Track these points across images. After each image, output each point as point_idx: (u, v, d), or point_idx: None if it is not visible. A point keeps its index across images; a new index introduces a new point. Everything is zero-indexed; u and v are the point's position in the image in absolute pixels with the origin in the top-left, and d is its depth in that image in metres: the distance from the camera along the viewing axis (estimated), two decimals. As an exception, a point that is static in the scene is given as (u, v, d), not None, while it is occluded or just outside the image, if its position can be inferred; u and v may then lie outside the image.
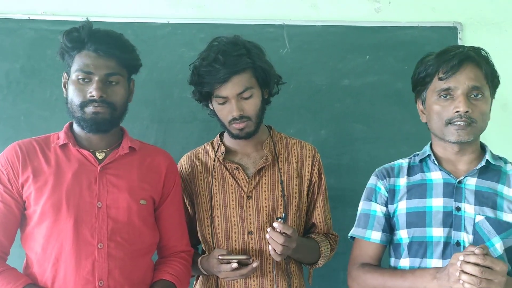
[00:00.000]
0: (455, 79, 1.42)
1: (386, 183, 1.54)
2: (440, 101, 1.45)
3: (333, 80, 2.24)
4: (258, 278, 1.63)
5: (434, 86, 1.47)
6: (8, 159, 1.49)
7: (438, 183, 1.47)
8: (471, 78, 1.41)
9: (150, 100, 2.16)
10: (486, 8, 2.34)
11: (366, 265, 1.52)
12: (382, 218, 1.53)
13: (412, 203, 1.48)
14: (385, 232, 1.52)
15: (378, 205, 1.54)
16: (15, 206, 1.48)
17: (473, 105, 1.41)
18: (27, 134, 1.89)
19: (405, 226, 1.47)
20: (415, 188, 1.50)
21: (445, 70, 1.43)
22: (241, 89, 1.58)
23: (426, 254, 1.43)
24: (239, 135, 1.64)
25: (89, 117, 1.48)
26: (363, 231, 1.54)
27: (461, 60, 1.41)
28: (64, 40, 1.50)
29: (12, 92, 2.12)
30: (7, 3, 2.17)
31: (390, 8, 2.32)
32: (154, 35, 2.19)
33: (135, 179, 1.55)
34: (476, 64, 1.42)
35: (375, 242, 1.53)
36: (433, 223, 1.43)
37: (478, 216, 1.40)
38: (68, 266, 1.43)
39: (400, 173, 1.55)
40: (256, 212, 1.65)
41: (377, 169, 1.60)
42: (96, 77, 1.48)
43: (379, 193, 1.55)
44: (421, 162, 1.54)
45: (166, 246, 1.64)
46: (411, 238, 1.46)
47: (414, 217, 1.46)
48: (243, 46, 1.59)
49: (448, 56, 1.44)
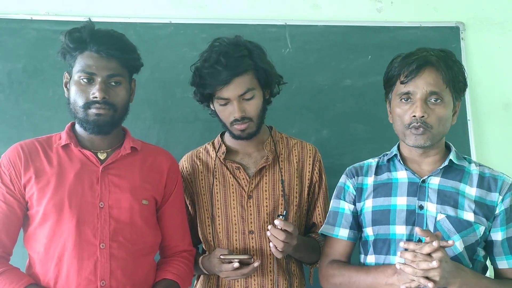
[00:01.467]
0: (414, 84, 1.43)
1: (355, 181, 1.58)
2: (401, 105, 1.47)
3: (335, 80, 2.24)
4: (259, 277, 1.63)
5: (396, 89, 1.49)
6: (11, 160, 1.49)
7: (403, 182, 1.50)
8: (429, 83, 1.42)
9: (152, 100, 2.16)
10: (488, 8, 2.34)
11: (334, 262, 1.56)
12: (350, 216, 1.57)
13: (377, 202, 1.51)
14: (352, 229, 1.56)
15: (346, 203, 1.58)
16: (18, 207, 1.48)
17: (430, 110, 1.42)
18: (29, 134, 1.90)
19: (370, 223, 1.51)
20: (381, 186, 1.53)
21: (405, 74, 1.44)
22: (243, 91, 1.58)
23: (389, 251, 1.46)
24: (240, 136, 1.64)
25: (92, 118, 1.49)
26: (332, 228, 1.58)
27: (419, 65, 1.43)
28: (66, 41, 1.50)
29: (15, 92, 2.12)
30: (10, 4, 2.18)
31: (392, 8, 2.32)
32: (156, 35, 2.19)
33: (137, 179, 1.55)
34: (436, 69, 1.43)
35: (343, 239, 1.56)
36: (396, 221, 1.46)
37: (439, 214, 1.43)
38: (70, 266, 1.43)
39: (368, 172, 1.58)
40: (257, 212, 1.65)
41: (348, 168, 1.63)
42: (99, 78, 1.48)
43: (348, 191, 1.58)
44: (388, 162, 1.57)
45: (168, 246, 1.64)
46: (376, 236, 1.49)
47: (379, 215, 1.50)
48: (244, 47, 1.59)
49: (410, 59, 1.45)
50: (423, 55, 1.45)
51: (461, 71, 1.48)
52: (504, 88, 2.33)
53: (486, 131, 2.30)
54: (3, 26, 2.14)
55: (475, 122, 2.27)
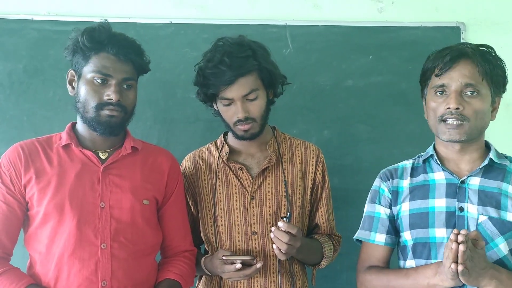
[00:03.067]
0: (448, 76, 1.40)
1: (390, 184, 1.53)
2: (435, 98, 1.44)
3: (336, 80, 2.23)
4: (261, 278, 1.63)
5: (431, 82, 1.46)
6: (11, 160, 1.49)
7: (441, 184, 1.45)
8: (465, 75, 1.38)
9: (153, 100, 2.16)
10: (489, 8, 2.34)
11: (372, 267, 1.51)
12: (386, 220, 1.52)
13: (414, 204, 1.47)
14: (390, 234, 1.52)
15: (382, 207, 1.53)
16: (18, 207, 1.48)
17: (466, 102, 1.38)
18: (30, 134, 1.89)
19: (408, 227, 1.46)
20: (418, 189, 1.48)
21: (440, 67, 1.42)
22: (247, 91, 1.57)
23: (430, 255, 1.41)
24: (244, 136, 1.63)
25: (104, 119, 1.49)
26: (368, 234, 1.54)
27: (454, 56, 1.40)
28: (83, 39, 1.48)
29: (15, 92, 2.12)
30: (11, 4, 2.17)
31: (393, 8, 2.32)
32: (157, 35, 2.19)
33: (138, 179, 1.55)
34: (472, 61, 1.39)
35: (380, 244, 1.52)
36: (436, 224, 1.41)
37: (481, 216, 1.38)
38: (71, 266, 1.43)
39: (403, 175, 1.53)
40: (260, 213, 1.65)
41: (381, 171, 1.59)
42: (114, 80, 1.48)
43: (383, 195, 1.54)
44: (424, 163, 1.53)
45: (169, 246, 1.64)
46: (415, 240, 1.45)
47: (417, 218, 1.45)
48: (248, 47, 1.58)
49: (444, 52, 1.43)
50: (458, 47, 1.42)
51: (500, 66, 1.43)
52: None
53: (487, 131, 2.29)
54: (3, 26, 2.13)
55: (476, 122, 2.26)
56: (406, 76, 2.24)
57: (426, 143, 1.66)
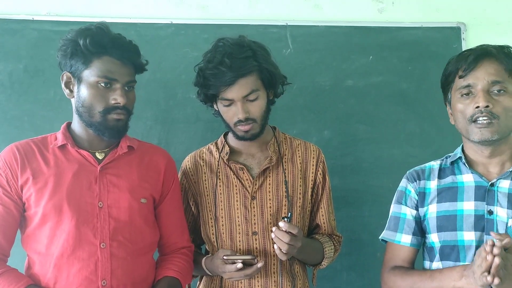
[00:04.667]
0: (474, 76, 1.39)
1: (416, 185, 1.52)
2: (462, 100, 1.42)
3: (337, 80, 2.23)
4: (262, 278, 1.63)
5: (456, 85, 1.44)
6: (6, 161, 1.48)
7: (469, 186, 1.43)
8: (491, 73, 1.37)
9: (154, 100, 2.16)
10: (490, 9, 2.34)
11: (396, 268, 1.50)
12: (412, 221, 1.51)
13: (442, 207, 1.45)
14: (415, 235, 1.51)
15: (408, 208, 1.52)
16: (14, 208, 1.47)
17: (494, 100, 1.37)
18: (31, 134, 1.88)
19: (435, 229, 1.45)
20: (446, 191, 1.46)
21: (464, 68, 1.40)
22: (247, 92, 1.57)
23: (459, 258, 1.39)
24: (244, 137, 1.63)
25: (112, 124, 1.49)
26: (393, 234, 1.53)
27: (477, 56, 1.38)
28: (86, 43, 1.45)
29: (16, 93, 2.12)
30: (11, 4, 2.17)
31: (393, 9, 2.32)
32: (157, 35, 2.19)
33: (135, 178, 1.55)
34: (496, 59, 1.38)
35: (406, 245, 1.51)
36: (464, 227, 1.39)
37: (511, 220, 1.35)
38: (71, 266, 1.43)
39: (431, 176, 1.52)
40: (260, 213, 1.65)
41: (408, 171, 1.57)
42: (119, 84, 1.49)
43: (409, 196, 1.53)
44: (452, 165, 1.50)
45: (167, 243, 1.64)
46: (442, 242, 1.43)
47: (444, 220, 1.43)
48: (249, 48, 1.58)
49: (467, 53, 1.42)
50: (481, 47, 1.41)
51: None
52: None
53: None
54: (4, 26, 2.13)
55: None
56: (407, 76, 2.24)
57: (425, 143, 1.66)
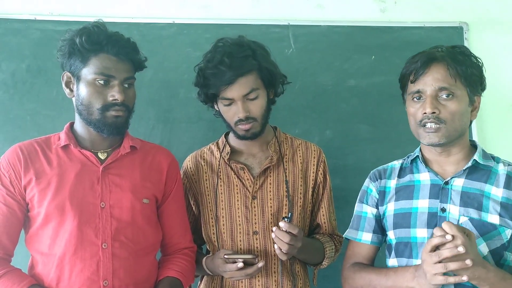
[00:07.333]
0: (423, 81, 1.42)
1: (378, 185, 1.56)
2: (413, 104, 1.46)
3: (339, 80, 2.23)
4: (263, 278, 1.63)
5: (408, 89, 1.48)
6: (10, 162, 1.49)
7: (425, 184, 1.47)
8: (438, 79, 1.40)
9: (156, 100, 2.17)
10: (492, 8, 2.33)
11: (356, 264, 1.55)
12: (372, 220, 1.56)
13: (399, 205, 1.50)
14: (376, 233, 1.56)
15: (369, 207, 1.57)
16: (18, 209, 1.48)
17: (442, 106, 1.40)
18: (33, 134, 1.90)
19: (392, 227, 1.50)
20: (403, 189, 1.51)
21: (414, 73, 1.43)
22: (247, 91, 1.58)
23: (412, 255, 1.43)
24: (245, 136, 1.64)
25: (110, 120, 1.49)
26: (355, 232, 1.58)
27: (424, 62, 1.41)
28: (82, 41, 1.46)
29: (19, 92, 2.13)
30: (14, 4, 2.18)
31: (395, 8, 2.32)
32: (159, 35, 2.20)
33: (137, 178, 1.55)
34: (442, 64, 1.41)
35: (366, 243, 1.56)
36: (417, 224, 1.43)
37: (462, 217, 1.39)
38: (73, 266, 1.43)
39: (391, 175, 1.56)
40: (261, 212, 1.65)
41: (372, 171, 1.62)
42: (117, 80, 1.49)
43: (370, 195, 1.58)
44: (412, 163, 1.54)
45: (169, 243, 1.64)
46: (397, 239, 1.48)
47: (400, 218, 1.48)
48: (248, 47, 1.59)
49: (416, 58, 1.45)
50: (429, 52, 1.44)
51: (475, 65, 1.43)
52: (508, 88, 2.32)
53: (490, 132, 2.29)
54: (7, 26, 2.14)
55: (479, 123, 2.26)
56: (409, 76, 2.23)
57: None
